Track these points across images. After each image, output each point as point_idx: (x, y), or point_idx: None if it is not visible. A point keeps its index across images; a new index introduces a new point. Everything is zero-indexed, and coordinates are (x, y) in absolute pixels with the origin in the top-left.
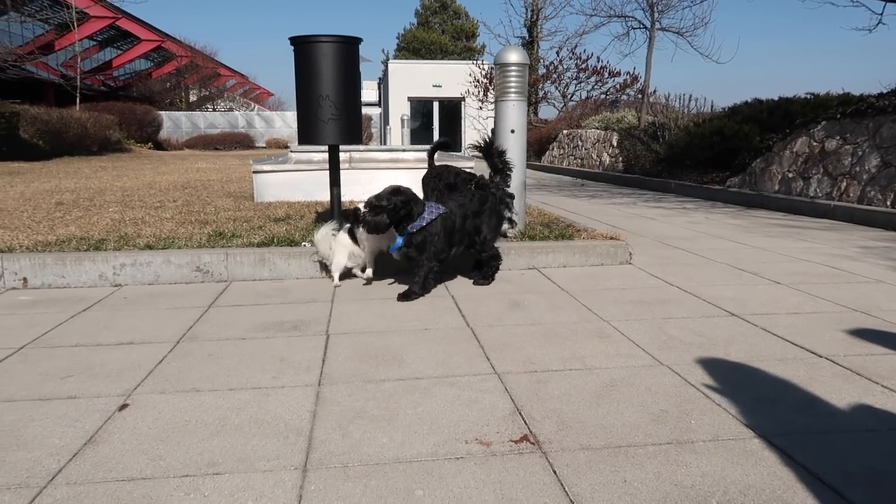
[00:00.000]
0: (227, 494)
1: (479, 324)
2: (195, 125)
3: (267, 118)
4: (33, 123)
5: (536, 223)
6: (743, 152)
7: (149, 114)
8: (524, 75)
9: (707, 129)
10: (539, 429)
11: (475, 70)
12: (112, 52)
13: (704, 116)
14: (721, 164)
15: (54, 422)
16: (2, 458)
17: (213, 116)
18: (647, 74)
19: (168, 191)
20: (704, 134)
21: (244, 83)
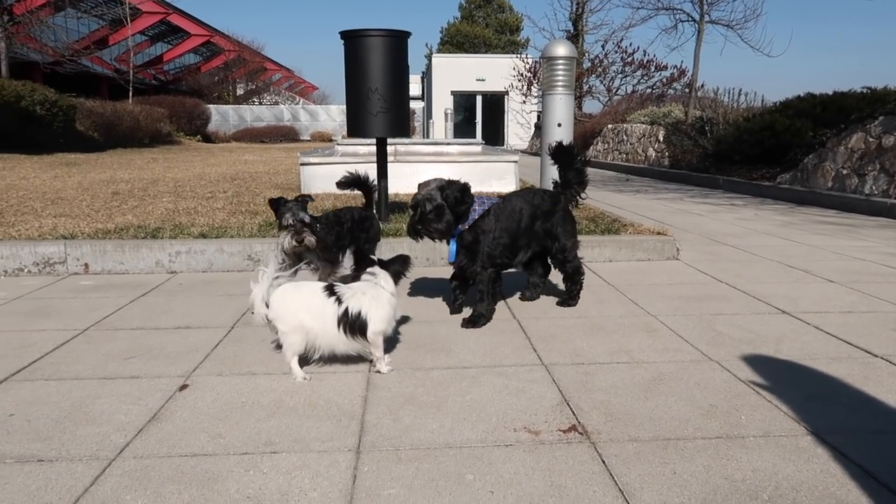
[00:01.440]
0: (284, 472)
1: (526, 316)
2: (242, 118)
3: (312, 112)
4: (89, 116)
5: (582, 217)
6: (794, 148)
7: (198, 107)
8: (572, 69)
9: (757, 124)
10: (587, 419)
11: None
12: (163, 46)
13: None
14: (771, 160)
15: (119, 399)
16: (73, 431)
17: (260, 110)
18: (696, 68)
19: (218, 182)
20: (754, 129)
21: (290, 77)
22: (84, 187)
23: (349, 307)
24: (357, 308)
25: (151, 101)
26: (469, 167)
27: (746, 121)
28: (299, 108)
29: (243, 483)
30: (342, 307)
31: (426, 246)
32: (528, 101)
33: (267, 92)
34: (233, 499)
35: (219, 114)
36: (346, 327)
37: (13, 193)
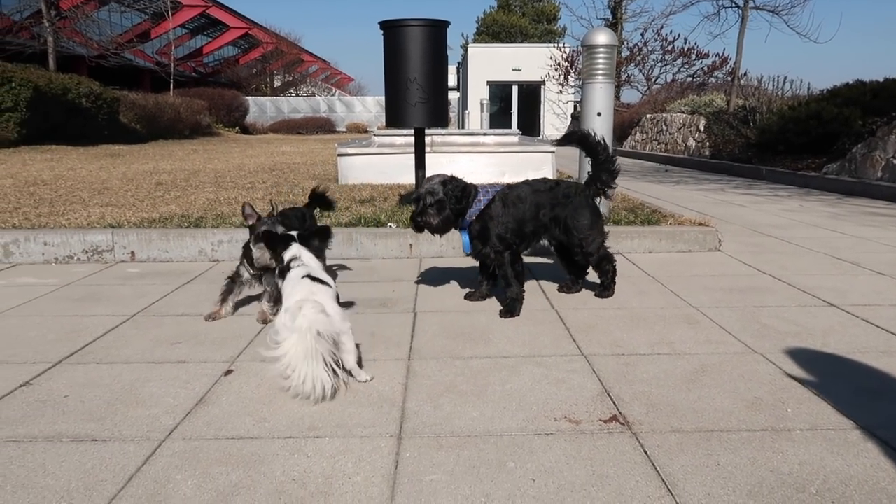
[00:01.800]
0: (328, 456)
1: (564, 306)
2: (279, 110)
3: (347, 103)
4: (132, 108)
5: (621, 208)
6: (842, 137)
7: (236, 99)
8: (612, 57)
9: (803, 112)
10: (628, 410)
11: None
12: (203, 39)
13: (800, 99)
14: (817, 150)
15: (168, 383)
16: (124, 413)
17: (296, 101)
18: (739, 56)
19: (257, 173)
20: (800, 118)
21: (326, 69)
22: (128, 178)
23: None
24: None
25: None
26: (505, 157)
27: (792, 109)
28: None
29: (288, 466)
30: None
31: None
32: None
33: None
34: (279, 481)
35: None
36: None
37: (62, 183)
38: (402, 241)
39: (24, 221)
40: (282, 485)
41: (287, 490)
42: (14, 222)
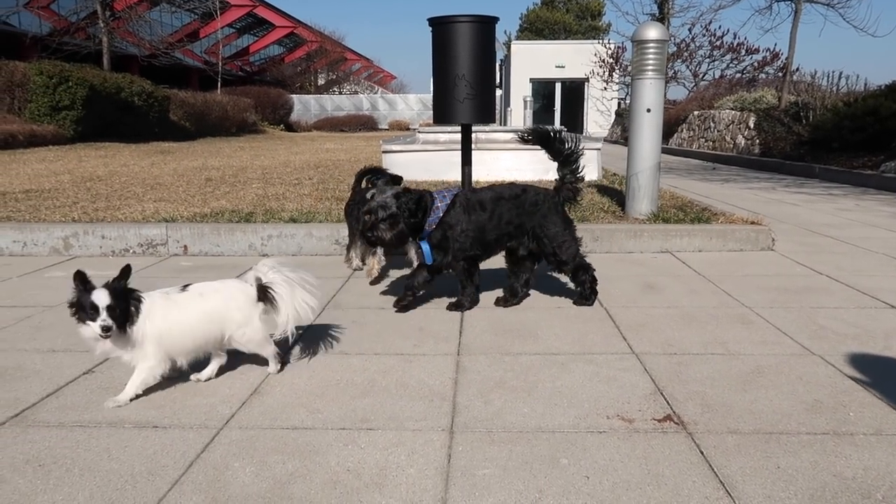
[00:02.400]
0: (381, 448)
1: (614, 304)
2: (323, 108)
3: (390, 101)
4: (181, 106)
5: (669, 206)
6: None
7: (281, 97)
8: (663, 52)
9: (859, 108)
10: (682, 410)
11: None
12: (249, 38)
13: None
14: (874, 148)
15: (223, 373)
16: (183, 401)
17: (340, 99)
18: (791, 51)
19: (303, 169)
20: (856, 114)
21: (369, 67)
22: (179, 174)
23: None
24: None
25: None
26: None
27: (847, 106)
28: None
29: (342, 457)
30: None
31: None
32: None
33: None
34: (333, 471)
35: (301, 103)
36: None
37: (116, 179)
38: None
39: (82, 215)
40: (337, 475)
41: (342, 480)
42: (73, 216)
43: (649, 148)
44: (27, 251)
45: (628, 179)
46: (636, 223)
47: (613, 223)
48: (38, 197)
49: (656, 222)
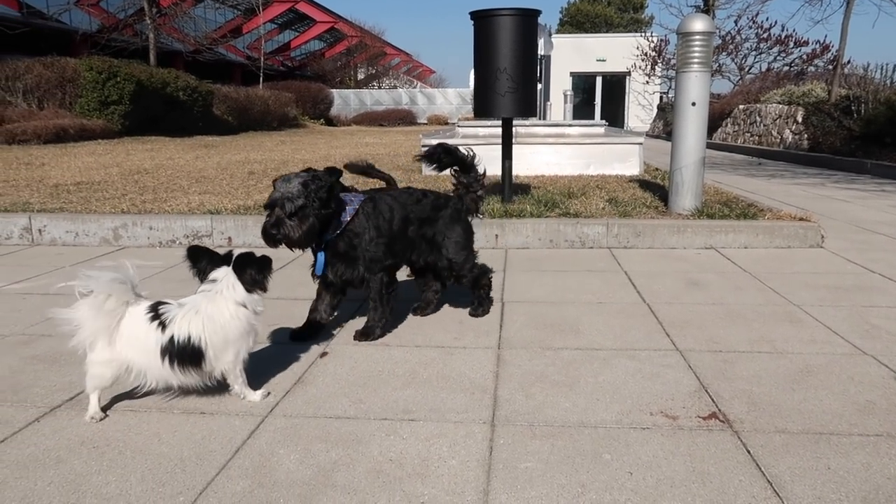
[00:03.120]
0: (423, 439)
1: (657, 300)
2: (362, 102)
3: (429, 95)
4: (224, 101)
5: (714, 202)
6: None
7: (321, 92)
8: (709, 45)
9: None
10: (728, 408)
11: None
12: (290, 34)
13: None
14: None
15: (267, 363)
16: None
17: (379, 94)
18: (843, 43)
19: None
20: None
21: (408, 61)
22: (222, 167)
23: (175, 333)
24: (186, 333)
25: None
26: (590, 149)
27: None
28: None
29: (385, 447)
30: (167, 334)
31: (550, 227)
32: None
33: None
34: (376, 461)
35: (341, 98)
36: (174, 359)
37: (162, 172)
38: (488, 231)
39: (131, 207)
40: (379, 464)
41: (385, 470)
42: (122, 207)
43: (694, 142)
44: (79, 241)
45: (672, 174)
46: (679, 219)
47: (656, 218)
48: (88, 189)
49: (700, 218)
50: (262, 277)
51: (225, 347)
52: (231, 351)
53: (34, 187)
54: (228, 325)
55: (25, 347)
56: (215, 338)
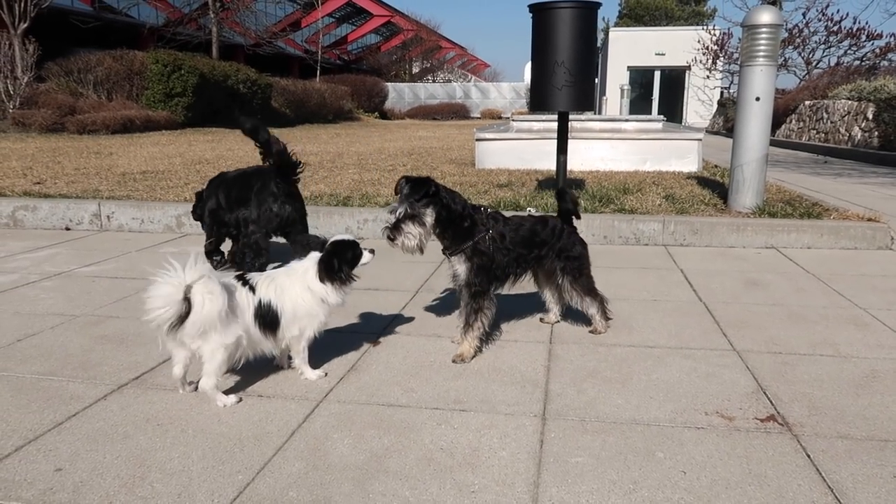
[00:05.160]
0: (474, 429)
1: (714, 300)
2: (416, 96)
3: (483, 89)
4: (282, 94)
5: (776, 200)
6: None
7: (377, 85)
8: (776, 38)
9: None
10: (787, 411)
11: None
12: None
13: None
14: None
15: (322, 349)
16: (285, 374)
17: (433, 87)
18: None
19: (396, 156)
20: None
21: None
22: None
23: (262, 297)
24: (267, 298)
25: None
26: (647, 145)
27: None
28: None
29: (436, 435)
30: (255, 298)
31: (604, 223)
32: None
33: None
34: (427, 449)
35: (395, 91)
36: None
37: (223, 163)
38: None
39: (193, 196)
40: (430, 452)
41: (436, 458)
42: (185, 196)
43: (756, 138)
44: (144, 227)
45: (732, 171)
46: (739, 217)
47: (714, 216)
48: (153, 178)
49: (761, 216)
50: (341, 271)
51: (293, 320)
52: (297, 325)
53: (103, 175)
54: (297, 301)
55: (95, 327)
56: (286, 306)
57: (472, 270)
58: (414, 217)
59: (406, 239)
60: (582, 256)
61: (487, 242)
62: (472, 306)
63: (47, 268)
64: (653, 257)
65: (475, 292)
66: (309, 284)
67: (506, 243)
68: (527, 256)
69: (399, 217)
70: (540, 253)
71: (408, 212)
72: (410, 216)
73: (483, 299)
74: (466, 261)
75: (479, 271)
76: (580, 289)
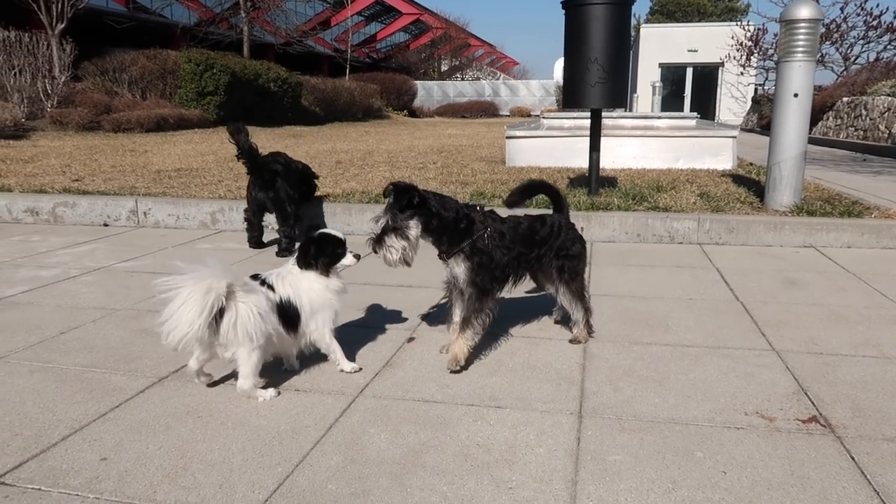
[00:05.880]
0: (510, 426)
1: (751, 299)
2: (445, 94)
3: (512, 87)
4: (312, 92)
5: (814, 198)
6: None
7: (405, 83)
8: (815, 33)
9: None
10: (830, 412)
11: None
12: (376, 26)
13: None
14: None
15: (357, 345)
16: (322, 368)
17: (462, 85)
18: None
19: (426, 154)
20: None
21: (492, 52)
22: (311, 156)
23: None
24: (286, 295)
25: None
26: (680, 142)
27: None
28: (500, 83)
29: (472, 431)
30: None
31: (638, 221)
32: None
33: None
34: (464, 444)
35: (424, 89)
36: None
37: None
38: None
39: (227, 193)
40: (467, 448)
41: (472, 454)
42: (219, 193)
43: (794, 135)
44: (179, 224)
45: (769, 169)
46: (776, 215)
47: (751, 214)
48: (188, 175)
49: (799, 215)
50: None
51: (311, 314)
52: (314, 319)
53: (139, 173)
54: (311, 293)
55: (135, 321)
56: (303, 301)
57: (473, 269)
58: (396, 230)
59: (388, 252)
60: (580, 256)
61: (486, 241)
62: (474, 306)
63: (87, 263)
64: (687, 256)
65: (477, 291)
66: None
67: (505, 241)
68: (528, 255)
69: (382, 229)
70: (540, 252)
71: (389, 224)
72: (393, 228)
73: (487, 299)
74: (466, 260)
75: (480, 270)
76: (574, 292)
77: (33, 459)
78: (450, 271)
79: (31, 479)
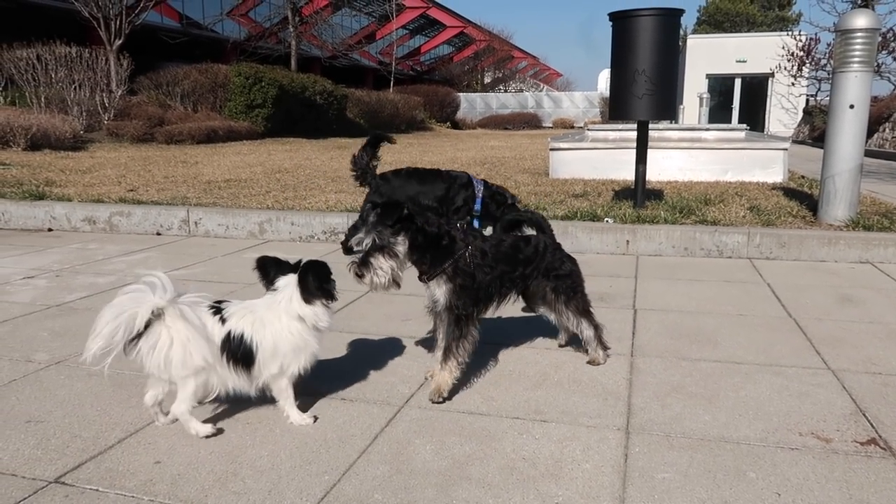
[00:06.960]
0: (555, 440)
1: (804, 316)
2: (488, 105)
3: (555, 98)
4: (357, 104)
5: (870, 212)
6: None
7: (449, 95)
8: (872, 43)
9: None
10: (890, 435)
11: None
12: (421, 39)
13: None
14: None
15: (401, 355)
16: (366, 378)
17: (505, 97)
18: None
19: (470, 165)
20: None
21: (535, 64)
22: None
23: (232, 329)
24: (240, 331)
25: (409, 91)
26: (728, 154)
27: None
28: (543, 95)
29: (517, 445)
30: (225, 329)
31: (685, 234)
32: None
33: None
34: (509, 458)
35: (467, 101)
36: (230, 357)
37: (301, 172)
38: (619, 236)
39: (274, 203)
40: (512, 461)
41: (518, 467)
42: (267, 204)
43: (850, 148)
44: (229, 234)
45: (823, 182)
46: (831, 230)
47: (803, 229)
48: (236, 186)
49: (855, 229)
50: (326, 286)
51: (273, 356)
52: (276, 363)
53: (190, 183)
54: (279, 335)
55: None
56: (265, 343)
57: (455, 292)
58: (383, 248)
59: (376, 276)
60: (573, 274)
61: (468, 259)
62: (454, 333)
63: (141, 270)
64: (737, 270)
65: (458, 316)
66: (299, 312)
67: (488, 260)
68: (511, 274)
69: (366, 250)
70: (525, 271)
71: (376, 243)
72: (379, 248)
73: (468, 324)
74: (447, 282)
75: (462, 292)
76: (574, 310)
77: (91, 461)
78: (430, 294)
79: (89, 479)
